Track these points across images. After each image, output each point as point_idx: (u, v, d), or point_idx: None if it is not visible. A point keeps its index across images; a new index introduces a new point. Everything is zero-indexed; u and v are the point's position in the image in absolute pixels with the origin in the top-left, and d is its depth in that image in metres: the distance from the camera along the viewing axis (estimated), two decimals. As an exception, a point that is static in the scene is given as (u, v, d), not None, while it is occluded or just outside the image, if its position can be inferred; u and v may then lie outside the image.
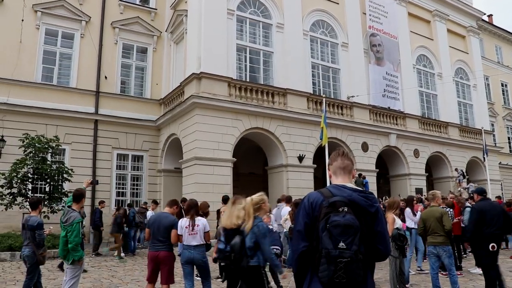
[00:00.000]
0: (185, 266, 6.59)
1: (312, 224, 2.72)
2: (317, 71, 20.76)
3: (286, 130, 18.29)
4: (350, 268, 2.52)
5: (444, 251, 7.30)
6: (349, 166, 2.95)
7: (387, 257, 2.77)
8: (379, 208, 2.75)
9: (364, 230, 2.61)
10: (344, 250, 2.53)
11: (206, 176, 15.93)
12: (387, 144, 22.11)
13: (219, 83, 16.86)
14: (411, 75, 24.58)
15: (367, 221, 2.66)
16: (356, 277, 2.54)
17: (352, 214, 2.60)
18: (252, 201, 5.22)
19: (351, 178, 2.93)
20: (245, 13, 18.69)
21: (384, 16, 23.68)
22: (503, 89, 35.79)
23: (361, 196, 2.71)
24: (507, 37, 36.97)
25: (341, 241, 2.54)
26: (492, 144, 29.26)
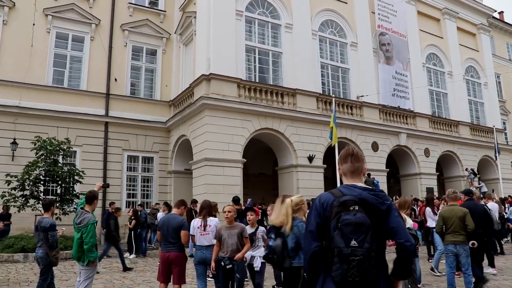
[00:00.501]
0: (198, 267, 6.63)
1: (324, 224, 2.74)
2: (326, 71, 20.73)
3: (296, 131, 18.28)
4: (363, 266, 2.53)
5: (464, 250, 7.28)
6: (360, 168, 2.93)
7: (412, 249, 2.72)
8: (391, 205, 2.75)
9: (375, 228, 2.62)
10: (356, 248, 2.54)
11: (216, 177, 15.98)
12: (398, 143, 22.02)
13: (228, 84, 16.90)
14: (421, 74, 24.46)
15: (379, 218, 2.67)
16: (369, 275, 2.55)
17: (363, 212, 2.61)
18: (292, 202, 5.23)
19: (361, 178, 2.93)
20: (254, 13, 18.72)
21: (393, 15, 23.59)
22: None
23: (371, 194, 2.73)
24: (518, 34, 36.64)
25: (353, 239, 2.55)
26: (504, 143, 28.99)
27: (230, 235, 6.13)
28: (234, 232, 6.18)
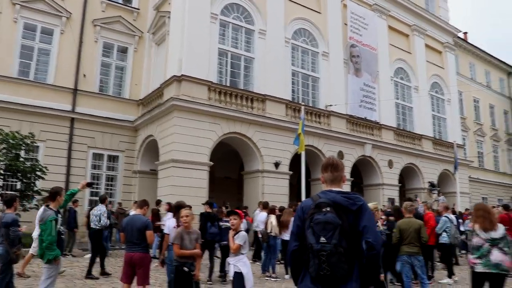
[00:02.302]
0: (171, 266, 6.62)
1: (303, 226, 3.03)
2: (297, 78, 20.96)
3: (264, 136, 18.40)
4: (332, 260, 2.79)
5: (418, 261, 7.62)
6: (338, 176, 3.21)
7: (378, 248, 2.91)
8: (363, 206, 2.99)
9: (346, 227, 2.87)
10: (325, 244, 2.81)
11: (182, 179, 15.90)
12: (363, 153, 22.43)
13: (199, 87, 16.87)
14: (388, 87, 25.01)
15: (350, 218, 2.93)
16: (339, 270, 2.80)
17: (334, 212, 2.88)
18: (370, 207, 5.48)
19: (341, 185, 3.19)
20: (229, 17, 18.77)
21: (364, 28, 24.05)
22: (475, 105, 36.72)
23: (343, 197, 3.00)
24: (480, 55, 38.00)
25: (322, 236, 2.83)
26: (463, 158, 29.94)
27: (190, 240, 6.14)
28: (193, 237, 6.20)
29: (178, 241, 6.05)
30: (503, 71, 41.12)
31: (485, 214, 6.04)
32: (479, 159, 35.93)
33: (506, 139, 39.68)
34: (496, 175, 37.46)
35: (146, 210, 7.20)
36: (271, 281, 10.38)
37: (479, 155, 36.12)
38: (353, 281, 2.87)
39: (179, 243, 6.04)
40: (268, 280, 10.47)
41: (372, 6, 25.19)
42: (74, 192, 6.78)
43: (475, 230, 6.04)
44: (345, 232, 2.85)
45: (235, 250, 5.81)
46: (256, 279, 10.12)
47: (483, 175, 35.46)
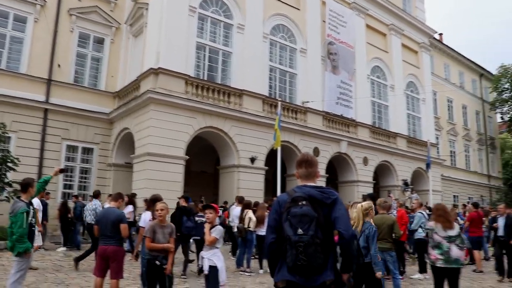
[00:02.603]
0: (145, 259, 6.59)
1: (280, 220, 3.19)
2: (274, 74, 20.99)
3: (240, 131, 18.39)
4: (309, 251, 2.96)
5: (391, 257, 7.75)
6: (312, 172, 3.38)
7: (349, 238, 3.10)
8: (337, 199, 3.18)
9: (321, 219, 3.05)
10: (302, 235, 2.97)
11: (157, 173, 15.78)
12: (338, 150, 22.62)
13: (176, 80, 16.76)
14: (364, 85, 25.26)
15: (325, 211, 3.11)
16: (315, 260, 2.97)
17: (310, 206, 3.06)
18: (362, 207, 6.23)
19: (315, 180, 3.36)
20: (207, 11, 18.67)
21: (342, 26, 24.21)
22: (448, 105, 37.35)
23: (318, 191, 3.18)
24: (455, 56, 38.66)
25: (299, 228, 3.00)
26: (436, 157, 30.48)
27: (163, 234, 6.11)
28: (166, 231, 6.18)
29: (150, 234, 6.02)
30: (475, 73, 41.92)
31: (444, 214, 6.62)
32: (451, 158, 36.61)
33: (477, 139, 40.50)
34: (467, 173, 38.23)
35: (121, 203, 7.14)
36: (245, 275, 10.40)
37: (452, 154, 36.80)
38: (328, 270, 3.06)
39: (151, 237, 6.01)
40: (242, 274, 10.49)
41: (350, 4, 25.37)
42: (47, 179, 6.64)
43: (435, 228, 6.58)
44: (320, 224, 3.02)
45: (211, 243, 5.80)
46: (231, 273, 10.14)
47: (454, 173, 36.15)
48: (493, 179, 42.01)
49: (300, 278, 3.05)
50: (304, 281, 3.05)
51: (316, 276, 3.04)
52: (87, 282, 8.49)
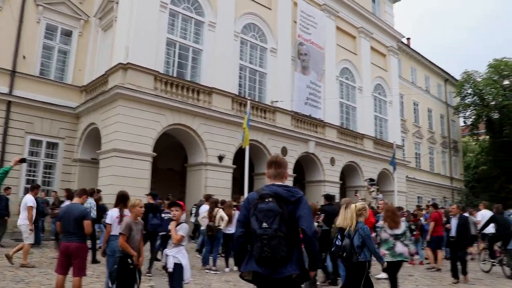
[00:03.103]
0: (112, 258, 6.52)
1: (248, 215, 3.43)
2: (244, 73, 21.03)
3: (209, 129, 18.36)
4: (273, 243, 3.18)
5: None
6: (281, 173, 3.61)
7: (311, 235, 3.33)
8: (301, 198, 3.41)
9: (285, 215, 3.28)
10: (266, 229, 3.21)
11: (124, 169, 15.60)
12: (306, 150, 22.83)
13: (145, 76, 16.59)
14: (333, 86, 25.54)
15: (289, 208, 3.34)
16: (279, 252, 3.20)
17: (275, 202, 3.30)
18: (356, 208, 6.59)
19: (283, 180, 3.58)
20: (179, 7, 18.54)
21: (313, 27, 24.42)
22: (414, 108, 38.15)
23: (284, 189, 3.42)
24: (421, 61, 39.53)
25: (264, 222, 3.24)
26: (402, 158, 31.11)
27: (137, 230, 6.06)
28: (139, 228, 6.13)
29: (127, 232, 5.87)
30: (441, 78, 42.95)
31: (392, 215, 7.46)
32: (416, 160, 37.42)
33: (441, 141, 41.53)
34: (431, 175, 39.15)
35: (85, 199, 7.04)
36: (211, 274, 10.39)
37: (417, 156, 37.61)
38: (293, 263, 3.28)
39: (127, 234, 5.86)
40: (208, 273, 10.48)
41: (321, 6, 25.62)
42: (7, 170, 6.37)
43: (383, 227, 7.47)
44: (284, 220, 3.26)
45: (177, 241, 5.78)
46: (196, 271, 10.12)
47: (419, 175, 36.96)
48: (455, 181, 43.16)
49: (266, 270, 3.26)
50: (270, 272, 3.26)
51: (281, 268, 3.25)
52: (49, 280, 8.33)
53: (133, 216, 6.09)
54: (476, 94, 39.87)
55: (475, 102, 40.42)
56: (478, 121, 41.06)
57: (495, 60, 39.47)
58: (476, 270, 12.61)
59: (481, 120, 40.85)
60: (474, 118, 40.97)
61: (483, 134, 44.44)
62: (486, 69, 39.82)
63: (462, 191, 42.93)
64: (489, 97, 39.24)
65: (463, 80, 40.56)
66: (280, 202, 3.31)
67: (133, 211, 6.14)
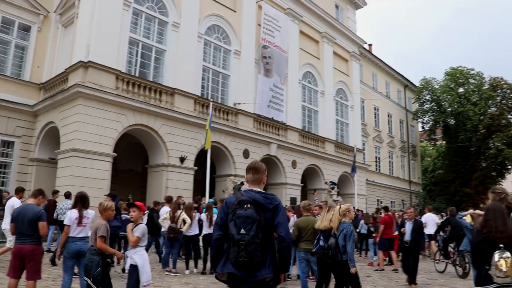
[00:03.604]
0: (69, 260, 6.42)
1: (226, 219, 3.56)
2: (208, 74, 20.99)
3: (171, 130, 18.23)
4: (249, 249, 3.33)
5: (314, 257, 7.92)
6: (258, 178, 3.74)
7: (289, 242, 3.51)
8: (278, 205, 3.57)
9: (262, 221, 3.42)
10: (244, 235, 3.35)
11: (83, 170, 15.30)
12: (268, 153, 22.97)
13: (106, 75, 16.33)
14: (296, 90, 25.81)
15: (267, 215, 3.49)
16: (255, 257, 3.35)
17: (253, 209, 3.43)
18: (340, 209, 6.91)
19: (261, 186, 3.73)
20: (142, 6, 18.35)
21: (277, 30, 24.60)
22: (375, 113, 38.92)
23: (262, 196, 3.56)
24: (382, 66, 40.38)
25: (242, 228, 3.38)
26: (362, 162, 31.70)
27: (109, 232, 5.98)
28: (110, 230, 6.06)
29: (107, 234, 5.78)
30: (400, 84, 43.99)
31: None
32: (376, 163, 38.18)
33: (401, 146, 42.51)
34: (390, 179, 40.00)
35: (42, 200, 6.88)
36: (171, 276, 10.34)
37: (377, 159, 38.37)
38: (266, 267, 3.43)
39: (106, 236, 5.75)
40: (168, 275, 10.42)
41: (286, 10, 25.85)
42: None
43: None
44: (261, 226, 3.40)
45: (134, 243, 5.75)
46: (156, 274, 10.04)
47: (379, 178, 37.69)
48: (414, 184, 44.25)
49: (242, 272, 3.42)
50: (246, 275, 3.42)
51: (256, 272, 3.41)
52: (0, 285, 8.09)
53: (104, 218, 5.99)
54: (434, 101, 41.11)
55: (432, 108, 41.63)
56: (435, 126, 42.37)
57: (452, 69, 40.80)
58: (431, 271, 13.02)
59: (438, 125, 42.14)
60: (432, 124, 42.23)
61: (440, 139, 45.84)
62: (443, 77, 41.14)
63: (420, 194, 44.09)
64: (445, 104, 40.51)
65: (421, 87, 41.70)
66: (258, 209, 3.45)
67: (105, 214, 6.04)
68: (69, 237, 6.57)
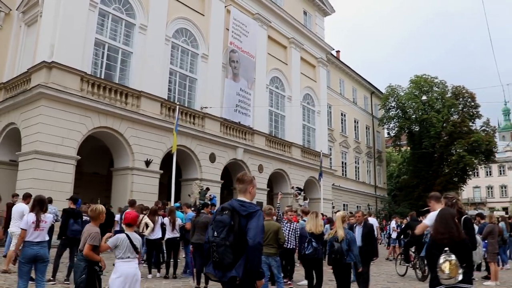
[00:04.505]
0: (25, 265, 6.31)
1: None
2: (174, 78, 20.92)
3: (136, 133, 18.07)
4: (220, 250, 3.64)
5: (275, 261, 8.06)
6: (243, 188, 4.03)
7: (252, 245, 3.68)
8: (253, 213, 3.79)
9: (236, 226, 3.70)
10: (216, 237, 3.69)
11: (45, 172, 15.00)
12: (234, 157, 23.02)
13: (71, 76, 16.08)
14: (263, 94, 25.96)
15: (242, 221, 3.74)
16: (225, 258, 3.64)
17: (230, 215, 3.73)
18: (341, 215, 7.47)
19: (247, 195, 4.00)
20: (109, 8, 18.16)
21: (245, 35, 24.71)
22: (342, 118, 39.46)
23: (240, 204, 3.84)
24: (349, 73, 41.01)
25: (215, 231, 3.72)
26: (328, 167, 32.08)
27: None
28: None
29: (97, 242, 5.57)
30: (367, 90, 44.76)
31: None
32: (343, 168, 38.68)
33: (367, 151, 43.21)
34: (356, 184, 40.57)
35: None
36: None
37: (343, 165, 38.87)
38: (236, 268, 3.65)
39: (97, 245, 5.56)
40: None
41: (254, 15, 25.99)
42: None
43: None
44: (234, 231, 3.68)
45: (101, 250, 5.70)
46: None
47: (345, 183, 38.18)
48: (379, 189, 45.02)
49: (218, 272, 3.73)
50: (221, 275, 3.72)
51: (227, 272, 3.68)
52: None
53: (96, 224, 5.78)
54: (399, 108, 42.09)
55: (398, 115, 42.64)
56: (400, 133, 43.40)
57: (416, 77, 41.87)
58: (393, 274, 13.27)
59: (403, 132, 43.17)
60: (397, 130, 43.25)
61: (405, 145, 46.86)
62: (408, 84, 42.13)
63: (385, 199, 44.89)
64: (410, 111, 41.57)
65: (387, 94, 42.63)
66: (234, 215, 3.75)
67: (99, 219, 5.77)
68: (25, 242, 6.44)
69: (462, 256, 3.98)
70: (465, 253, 4.05)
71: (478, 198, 74.04)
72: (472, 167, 42.34)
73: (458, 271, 3.89)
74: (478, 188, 73.74)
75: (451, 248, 3.96)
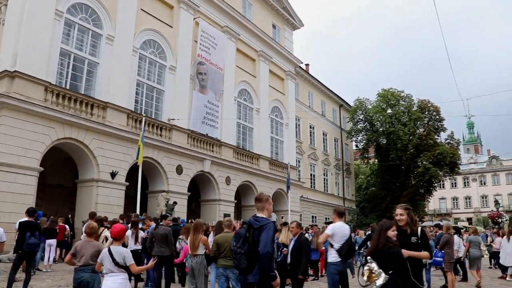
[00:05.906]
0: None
1: None
2: (142, 89, 20.82)
3: (102, 145, 17.87)
4: (237, 257, 4.72)
5: (233, 274, 8.02)
6: (261, 206, 4.80)
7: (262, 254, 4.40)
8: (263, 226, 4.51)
9: (250, 238, 4.54)
10: (235, 247, 4.78)
11: (6, 184, 14.61)
12: (202, 169, 22.97)
13: (35, 86, 15.83)
14: (231, 107, 26.06)
15: (256, 233, 4.51)
16: (241, 263, 4.62)
17: (246, 228, 4.73)
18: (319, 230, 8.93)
19: (264, 212, 4.77)
20: (75, 18, 17.99)
21: (213, 47, 24.82)
22: (310, 131, 39.85)
23: (254, 219, 4.67)
24: (318, 86, 41.51)
25: (235, 242, 4.83)
26: (297, 179, 32.31)
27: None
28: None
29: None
30: (336, 103, 45.38)
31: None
32: (312, 180, 38.97)
33: (335, 164, 43.69)
34: (325, 196, 40.88)
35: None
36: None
37: (312, 177, 39.17)
38: (253, 274, 4.45)
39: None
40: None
41: (223, 28, 26.15)
42: None
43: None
44: (248, 241, 4.55)
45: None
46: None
47: (313, 195, 38.45)
48: (348, 201, 45.43)
49: (241, 277, 4.67)
50: (243, 279, 4.62)
51: (245, 276, 4.53)
52: None
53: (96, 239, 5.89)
54: (367, 120, 42.80)
55: (366, 128, 43.33)
56: (368, 145, 44.07)
57: (383, 90, 42.73)
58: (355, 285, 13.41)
59: (371, 144, 43.84)
60: (365, 143, 43.89)
61: (373, 157, 47.54)
62: (376, 98, 42.91)
63: (354, 210, 45.35)
64: (378, 124, 42.30)
65: (355, 107, 43.30)
66: (249, 228, 4.61)
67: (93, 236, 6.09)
68: None
69: (385, 263, 4.64)
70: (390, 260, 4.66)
71: (444, 209, 75.91)
72: (438, 179, 43.24)
73: (377, 278, 4.60)
74: (444, 200, 75.61)
75: (373, 256, 4.78)
